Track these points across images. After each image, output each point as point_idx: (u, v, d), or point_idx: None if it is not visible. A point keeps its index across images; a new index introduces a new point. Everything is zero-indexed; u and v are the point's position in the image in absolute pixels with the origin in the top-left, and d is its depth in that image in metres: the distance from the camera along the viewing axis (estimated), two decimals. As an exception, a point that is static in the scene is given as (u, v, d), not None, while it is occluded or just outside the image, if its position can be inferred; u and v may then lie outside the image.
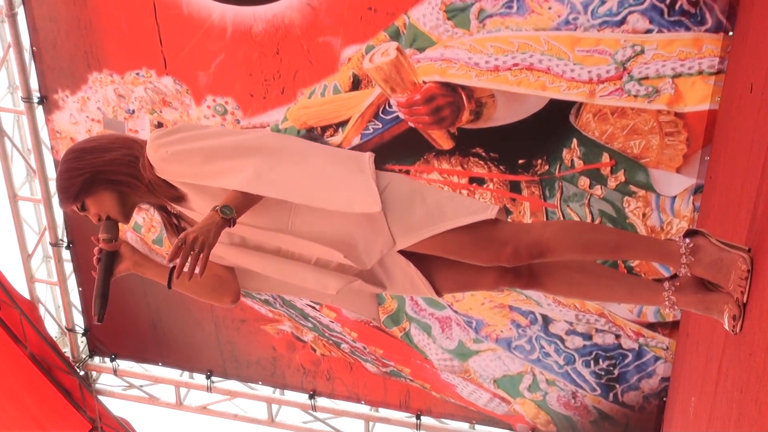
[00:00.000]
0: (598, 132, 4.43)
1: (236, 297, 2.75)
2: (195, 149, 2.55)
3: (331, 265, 2.66)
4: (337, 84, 4.67)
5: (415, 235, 2.55)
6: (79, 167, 2.59)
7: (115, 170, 2.59)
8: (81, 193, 2.58)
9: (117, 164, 2.59)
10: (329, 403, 6.22)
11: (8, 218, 5.89)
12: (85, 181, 2.57)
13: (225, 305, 2.75)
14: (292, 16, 4.54)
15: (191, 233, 2.35)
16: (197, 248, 2.34)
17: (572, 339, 5.21)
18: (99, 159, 2.60)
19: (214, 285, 2.73)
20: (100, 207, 2.60)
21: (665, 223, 4.58)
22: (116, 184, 2.59)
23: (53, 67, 5.13)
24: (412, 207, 2.58)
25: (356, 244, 2.57)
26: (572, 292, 2.83)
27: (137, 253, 2.64)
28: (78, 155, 2.62)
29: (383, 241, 2.57)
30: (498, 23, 4.28)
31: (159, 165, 2.57)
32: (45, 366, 6.12)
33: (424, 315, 5.40)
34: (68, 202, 2.62)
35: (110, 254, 2.60)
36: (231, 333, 5.97)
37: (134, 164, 2.60)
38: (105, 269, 2.58)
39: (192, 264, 2.34)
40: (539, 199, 4.70)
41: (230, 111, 4.87)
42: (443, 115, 4.59)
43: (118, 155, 2.61)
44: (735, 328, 2.38)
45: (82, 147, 2.64)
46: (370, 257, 2.59)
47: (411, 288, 2.72)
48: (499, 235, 2.57)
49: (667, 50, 4.12)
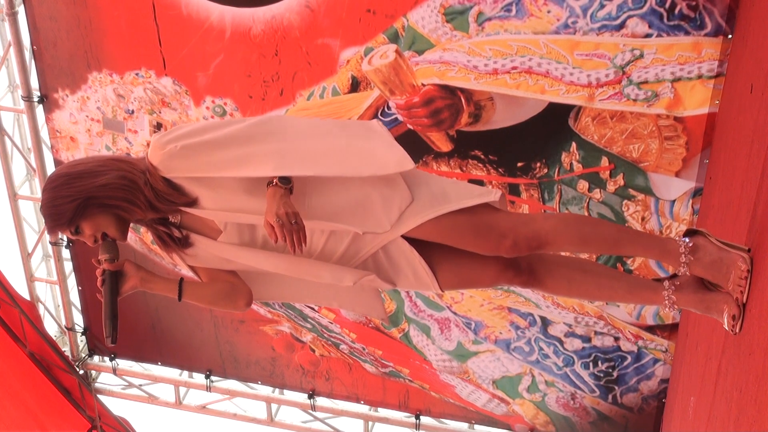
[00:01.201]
0: (597, 136, 4.42)
1: (250, 299, 2.71)
2: (205, 141, 2.50)
3: (335, 255, 2.64)
4: (335, 86, 4.66)
5: (420, 215, 2.57)
6: (69, 194, 2.48)
7: (108, 195, 2.50)
8: (76, 218, 2.49)
9: (110, 189, 2.50)
10: (328, 402, 6.22)
11: (8, 217, 5.90)
12: (78, 206, 2.48)
13: (240, 309, 2.70)
14: (291, 18, 4.53)
15: (271, 212, 2.36)
16: (292, 219, 2.36)
17: (571, 341, 5.21)
18: (90, 184, 2.50)
19: (226, 291, 2.69)
20: (96, 228, 2.53)
21: (664, 227, 4.57)
22: (111, 207, 2.51)
23: (53, 66, 5.13)
24: (417, 190, 2.61)
25: (374, 205, 2.57)
26: (572, 291, 2.83)
27: (142, 270, 2.59)
28: (65, 181, 2.51)
29: (401, 197, 2.58)
30: (497, 26, 4.27)
31: (167, 163, 2.49)
32: (44, 365, 6.13)
33: (423, 316, 5.40)
34: (62, 227, 2.52)
35: (114, 274, 2.55)
36: (230, 333, 5.98)
37: (129, 188, 2.51)
38: (111, 290, 2.54)
39: (298, 236, 2.36)
40: (538, 202, 4.69)
41: (229, 112, 4.86)
42: (442, 117, 4.58)
43: (109, 179, 2.51)
44: (734, 327, 2.38)
45: (67, 172, 2.54)
46: (390, 216, 2.58)
47: (414, 279, 2.71)
48: (499, 224, 2.60)
49: (667, 54, 4.11)
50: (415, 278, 2.71)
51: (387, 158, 2.55)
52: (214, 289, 2.69)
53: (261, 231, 2.59)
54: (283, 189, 2.41)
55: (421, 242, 2.65)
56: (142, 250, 5.62)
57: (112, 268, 2.55)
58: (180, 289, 2.60)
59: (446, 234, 2.60)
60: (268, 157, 2.47)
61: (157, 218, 2.63)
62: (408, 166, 2.54)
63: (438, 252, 2.68)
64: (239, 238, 2.61)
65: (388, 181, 2.58)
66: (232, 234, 2.60)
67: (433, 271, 2.69)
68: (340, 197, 2.56)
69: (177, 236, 2.66)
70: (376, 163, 2.54)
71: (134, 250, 5.61)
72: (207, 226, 2.63)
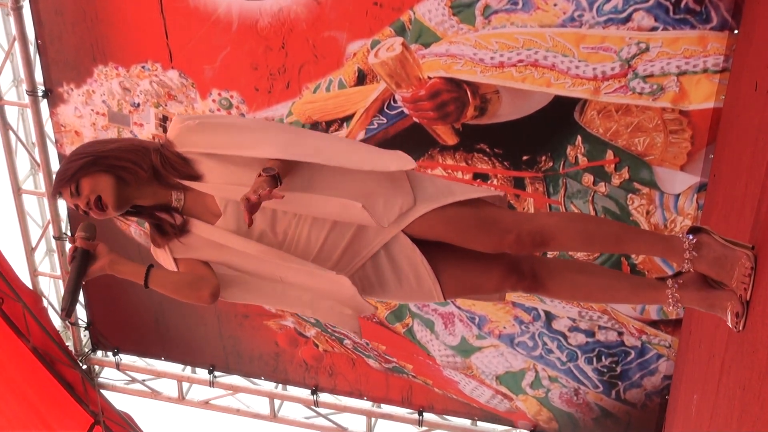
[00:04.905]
0: (603, 129, 4.43)
1: (216, 291, 2.66)
2: (221, 123, 2.65)
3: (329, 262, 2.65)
4: (342, 79, 4.67)
5: (426, 205, 2.60)
6: (85, 151, 2.61)
7: (118, 156, 2.58)
8: (79, 172, 2.56)
9: (121, 151, 2.60)
10: (331, 398, 6.22)
11: (12, 211, 5.90)
12: (86, 162, 2.56)
13: (203, 301, 2.65)
14: (297, 11, 4.54)
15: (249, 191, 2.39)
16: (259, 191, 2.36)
17: (575, 336, 5.22)
18: (106, 147, 2.62)
19: (190, 280, 2.66)
20: (93, 188, 2.57)
21: (669, 221, 4.58)
22: (117, 169, 2.57)
23: (58, 60, 5.13)
24: (423, 184, 2.65)
25: (376, 201, 2.59)
26: (575, 294, 2.84)
27: (113, 253, 2.61)
28: (89, 143, 2.67)
29: (403, 199, 2.61)
30: (503, 19, 4.28)
31: (184, 136, 2.60)
32: (48, 360, 6.13)
33: (427, 311, 5.41)
34: (64, 184, 2.59)
35: (86, 252, 2.59)
36: (233, 328, 5.98)
37: (139, 152, 2.60)
38: (79, 267, 2.57)
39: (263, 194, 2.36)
40: (543, 196, 4.70)
41: (235, 105, 4.86)
42: (448, 110, 4.59)
43: (125, 144, 2.63)
44: (738, 325, 2.38)
45: (96, 139, 2.72)
46: (389, 215, 2.60)
47: (416, 281, 2.71)
48: (504, 219, 2.62)
49: (672, 48, 4.12)
50: (417, 280, 2.71)
51: (389, 159, 2.61)
52: (180, 277, 2.69)
53: (258, 224, 2.62)
54: (265, 175, 2.44)
55: (423, 248, 2.66)
56: (146, 244, 5.61)
57: (85, 246, 2.59)
58: (147, 276, 2.61)
59: (450, 227, 2.62)
60: (274, 143, 2.54)
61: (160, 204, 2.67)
62: (409, 166, 2.59)
63: (440, 258, 2.69)
64: (236, 226, 2.63)
65: (393, 182, 2.61)
66: (230, 220, 2.63)
67: (436, 277, 2.70)
68: (344, 188, 2.59)
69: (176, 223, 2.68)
70: (378, 161, 2.59)
71: (139, 244, 5.61)
72: (208, 210, 2.66)
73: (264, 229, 2.64)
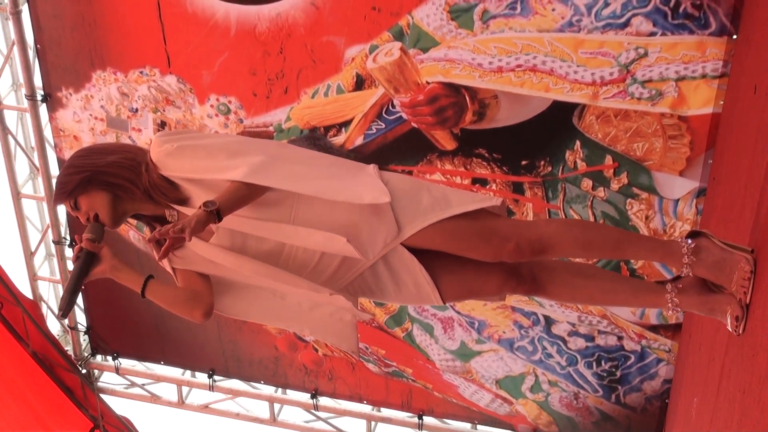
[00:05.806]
0: (601, 134, 4.42)
1: (209, 310, 2.71)
2: (200, 145, 2.62)
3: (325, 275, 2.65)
4: (340, 84, 4.67)
5: (421, 219, 2.58)
6: (82, 165, 2.64)
7: (114, 173, 2.62)
8: (76, 190, 2.62)
9: (117, 167, 2.63)
10: (331, 402, 6.22)
11: (11, 216, 5.91)
12: (83, 179, 2.61)
13: (195, 319, 2.70)
14: (296, 16, 4.54)
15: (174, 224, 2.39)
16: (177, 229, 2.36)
17: (575, 340, 5.21)
18: (102, 160, 2.64)
19: (186, 297, 2.71)
20: (91, 205, 2.63)
21: (668, 226, 4.57)
22: (113, 186, 2.62)
23: (57, 64, 5.13)
24: (418, 196, 2.62)
25: (359, 233, 2.57)
26: (575, 296, 2.83)
27: (116, 259, 2.64)
28: (84, 154, 2.69)
29: (387, 230, 2.58)
30: (501, 24, 4.28)
31: (164, 161, 2.60)
32: (47, 364, 6.12)
33: (427, 315, 5.40)
34: (63, 198, 2.65)
35: (90, 254, 2.62)
36: (233, 332, 5.98)
37: (135, 169, 2.63)
38: (81, 269, 2.60)
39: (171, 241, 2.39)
40: (542, 201, 4.69)
41: (233, 110, 4.86)
42: (446, 115, 4.59)
43: (120, 158, 2.65)
44: (738, 329, 2.38)
45: (90, 148, 2.75)
46: (374, 248, 2.59)
47: (415, 289, 2.70)
48: (502, 228, 2.60)
49: (671, 53, 4.12)
50: (416, 289, 2.70)
51: (364, 190, 2.56)
52: (176, 293, 2.72)
53: (252, 239, 2.63)
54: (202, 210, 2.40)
55: (422, 255, 2.65)
56: (146, 249, 5.61)
57: (90, 248, 2.62)
58: (144, 287, 2.65)
59: (448, 239, 2.61)
60: (245, 166, 2.50)
61: (156, 216, 2.72)
62: (382, 200, 2.54)
63: (440, 264, 2.68)
64: (230, 243, 2.64)
65: (375, 212, 2.58)
66: (224, 237, 2.64)
67: (435, 283, 2.69)
68: (327, 216, 2.58)
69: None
70: (352, 193, 2.55)
71: (138, 249, 5.61)
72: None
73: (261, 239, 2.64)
